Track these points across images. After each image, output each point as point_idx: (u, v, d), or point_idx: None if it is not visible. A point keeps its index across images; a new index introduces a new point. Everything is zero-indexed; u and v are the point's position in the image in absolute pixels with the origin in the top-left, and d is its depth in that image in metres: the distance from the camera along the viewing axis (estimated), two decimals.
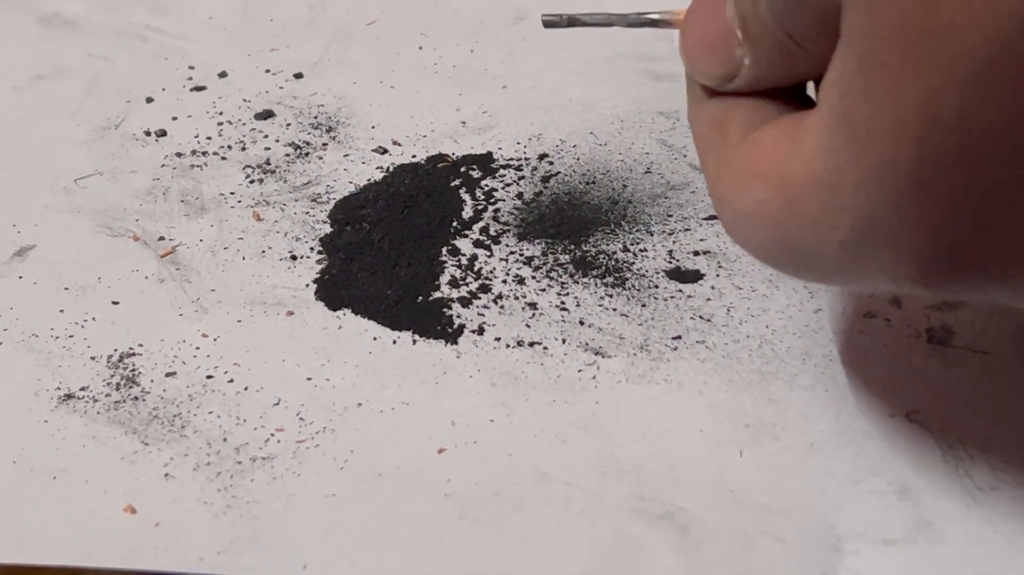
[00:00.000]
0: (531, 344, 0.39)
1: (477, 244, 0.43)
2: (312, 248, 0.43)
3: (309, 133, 0.48)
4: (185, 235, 0.43)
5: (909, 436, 0.36)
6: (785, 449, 0.36)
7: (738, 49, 0.29)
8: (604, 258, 0.42)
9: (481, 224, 0.44)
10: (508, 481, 0.35)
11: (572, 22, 0.36)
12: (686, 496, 0.35)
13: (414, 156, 0.47)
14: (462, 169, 0.46)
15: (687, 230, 0.43)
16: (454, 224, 0.43)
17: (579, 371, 0.38)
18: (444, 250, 0.42)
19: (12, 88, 0.51)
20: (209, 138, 0.48)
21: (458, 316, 0.40)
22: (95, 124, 0.49)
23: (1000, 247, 0.24)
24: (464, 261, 0.42)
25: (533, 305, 0.40)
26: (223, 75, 0.51)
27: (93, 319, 0.40)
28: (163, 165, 0.46)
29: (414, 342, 0.39)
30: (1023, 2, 0.21)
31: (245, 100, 0.50)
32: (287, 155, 0.47)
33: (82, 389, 0.38)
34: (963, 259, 0.24)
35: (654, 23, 0.35)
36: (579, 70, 0.52)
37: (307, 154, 0.47)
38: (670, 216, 0.44)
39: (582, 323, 0.40)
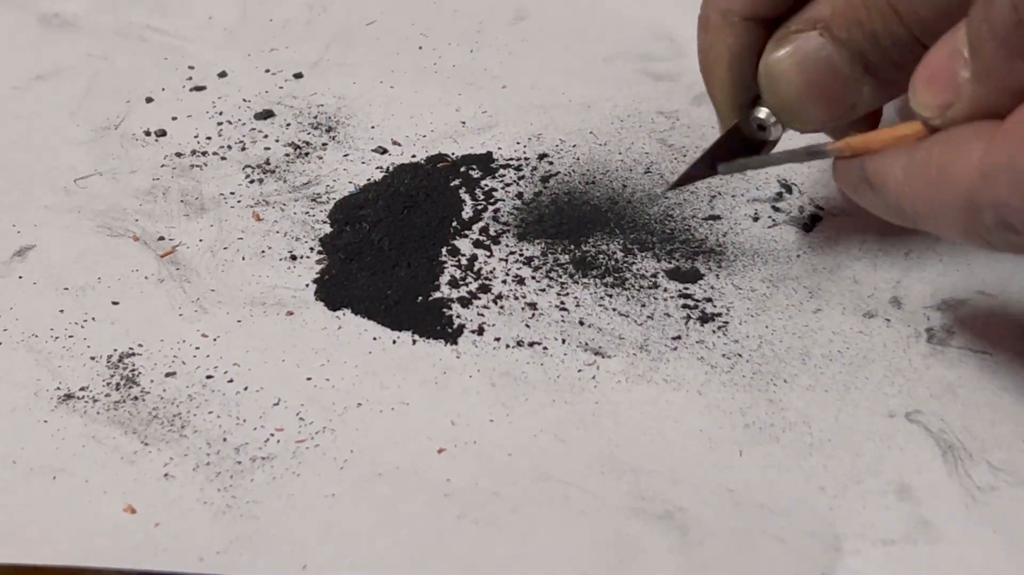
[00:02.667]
0: (531, 344, 0.39)
1: (477, 244, 0.43)
2: (312, 248, 0.43)
3: (309, 133, 0.48)
4: (185, 235, 0.43)
5: (909, 436, 0.36)
6: (785, 449, 0.36)
7: (961, 69, 0.30)
8: (604, 258, 0.42)
9: (481, 224, 0.44)
10: (508, 481, 0.35)
11: (745, 166, 0.39)
12: (686, 496, 0.35)
13: (414, 156, 0.47)
14: (462, 169, 0.46)
15: (687, 230, 0.43)
16: (454, 224, 0.43)
17: (579, 371, 0.38)
18: (444, 250, 0.42)
19: (12, 88, 0.51)
20: (209, 138, 0.48)
21: (458, 316, 0.40)
22: (95, 124, 0.49)
23: None
24: (464, 261, 0.42)
25: (533, 305, 0.40)
26: (223, 75, 0.51)
27: (93, 319, 0.40)
28: (163, 165, 0.46)
29: (414, 342, 0.39)
30: None
31: (245, 100, 0.50)
32: (287, 155, 0.47)
33: (82, 389, 0.38)
34: None
35: (828, 154, 0.36)
36: (579, 70, 0.52)
37: (307, 154, 0.47)
38: (670, 216, 0.44)
39: (582, 323, 0.40)
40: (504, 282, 0.41)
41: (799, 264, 0.42)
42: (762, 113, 0.38)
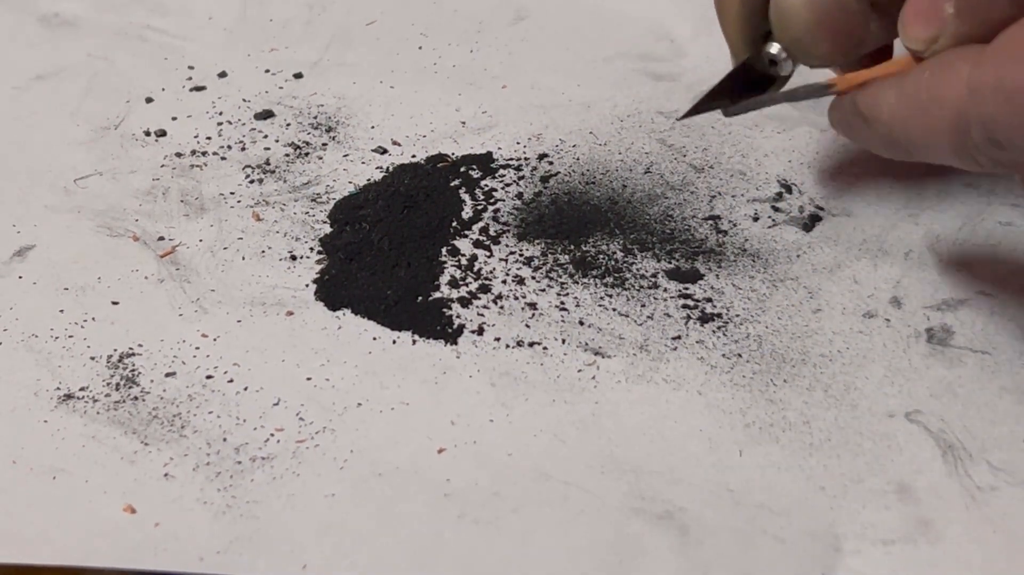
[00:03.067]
0: (531, 344, 0.39)
1: (477, 244, 0.43)
2: (312, 248, 0.43)
3: (309, 133, 0.48)
4: (185, 235, 0.43)
5: (909, 436, 0.36)
6: (785, 449, 0.36)
7: (945, 5, 0.32)
8: (604, 258, 0.42)
9: (481, 224, 0.44)
10: (508, 481, 0.35)
11: (750, 107, 0.39)
12: (686, 496, 0.35)
13: (414, 156, 0.47)
14: (462, 169, 0.46)
15: (687, 230, 0.43)
16: (454, 224, 0.43)
17: (579, 371, 0.38)
18: (444, 250, 0.42)
19: (12, 88, 0.51)
20: (209, 138, 0.48)
21: (458, 316, 0.40)
22: (95, 124, 0.49)
23: None
24: (464, 261, 0.42)
25: (533, 305, 0.40)
26: (223, 75, 0.51)
27: (93, 319, 0.40)
28: (163, 165, 0.46)
29: (414, 342, 0.39)
30: None
31: (245, 100, 0.50)
32: (287, 155, 0.47)
33: (82, 389, 0.38)
34: None
35: (823, 90, 0.37)
36: (579, 70, 0.52)
37: (307, 154, 0.47)
38: (670, 216, 0.44)
39: (582, 323, 0.40)
40: (504, 282, 0.41)
41: (799, 264, 0.42)
42: (774, 48, 0.39)
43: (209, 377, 0.38)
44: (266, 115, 0.49)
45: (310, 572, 0.33)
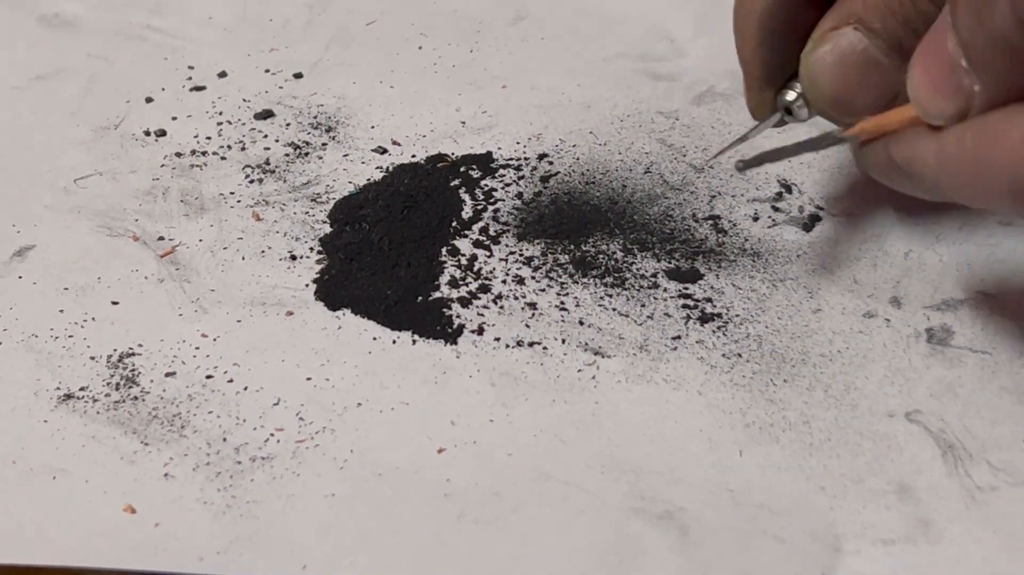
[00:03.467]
0: (531, 344, 0.39)
1: (477, 244, 0.43)
2: (312, 248, 0.43)
3: (309, 133, 0.48)
4: (185, 235, 0.43)
5: (909, 436, 0.36)
6: (785, 449, 0.36)
7: (965, 79, 0.31)
8: (604, 258, 0.42)
9: (481, 224, 0.44)
10: (508, 481, 0.35)
11: (763, 160, 0.38)
12: (686, 496, 0.35)
13: (414, 156, 0.47)
14: (462, 169, 0.46)
15: (687, 230, 0.43)
16: (454, 224, 0.43)
17: (579, 371, 0.38)
18: (444, 250, 0.42)
19: (12, 88, 0.50)
20: (209, 138, 0.48)
21: (458, 316, 0.40)
22: (95, 124, 0.49)
23: None
24: (464, 261, 0.42)
25: (533, 305, 0.40)
26: (223, 75, 0.51)
27: (93, 319, 0.40)
28: (163, 165, 0.46)
29: (414, 342, 0.39)
30: None
31: (245, 100, 0.50)
32: (287, 155, 0.47)
33: (82, 389, 0.38)
34: None
35: (840, 140, 0.36)
36: (579, 70, 0.52)
37: (307, 154, 0.47)
38: (670, 216, 0.44)
39: (582, 323, 0.40)
40: (504, 282, 0.41)
41: (799, 264, 0.42)
42: (790, 95, 0.38)
43: (209, 377, 0.38)
44: (266, 115, 0.49)
45: (310, 572, 0.33)
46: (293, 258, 0.42)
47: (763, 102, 0.39)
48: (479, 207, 0.44)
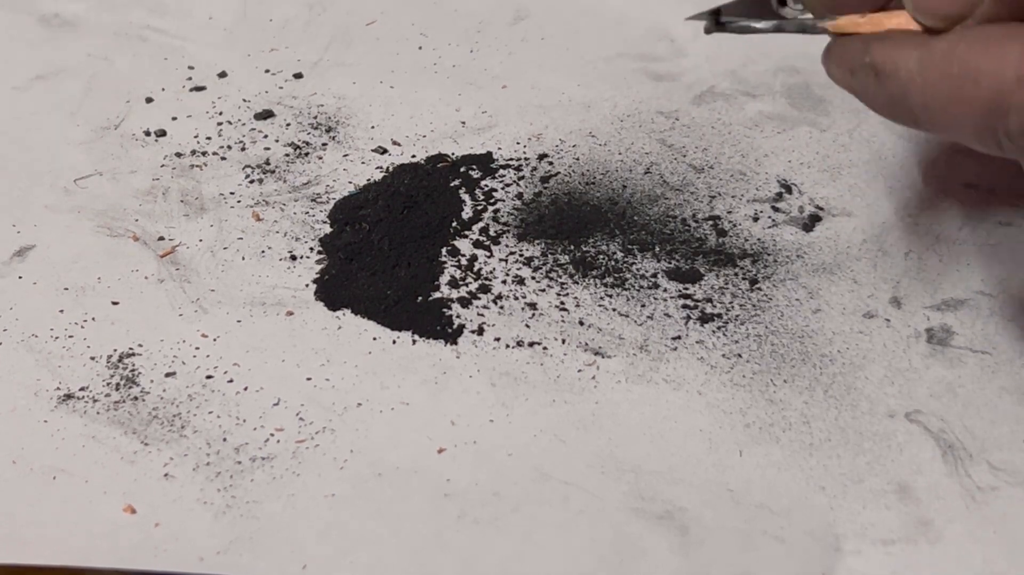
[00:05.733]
0: (531, 344, 0.39)
1: (477, 244, 0.43)
2: (312, 248, 0.43)
3: (309, 133, 0.48)
4: (185, 235, 0.43)
5: (909, 436, 0.36)
6: (785, 449, 0.36)
7: None
8: (604, 258, 0.42)
9: (481, 224, 0.44)
10: (508, 481, 0.35)
11: (744, 30, 0.37)
12: (686, 496, 0.35)
13: (414, 156, 0.47)
14: (462, 169, 0.46)
15: (687, 230, 0.43)
16: (454, 224, 0.43)
17: (579, 371, 0.38)
18: (444, 250, 0.42)
19: (12, 88, 0.50)
20: (209, 138, 0.48)
21: (458, 316, 0.40)
22: (95, 124, 0.49)
23: None
24: (464, 261, 0.42)
25: (533, 305, 0.40)
26: (223, 75, 0.51)
27: (93, 319, 0.40)
28: (163, 165, 0.46)
29: (414, 342, 0.39)
30: None
31: (245, 100, 0.50)
32: (287, 155, 0.47)
33: (82, 389, 0.38)
34: None
35: (815, 27, 0.35)
36: (579, 70, 0.52)
37: (307, 154, 0.47)
38: (670, 216, 0.44)
39: (582, 323, 0.40)
40: (504, 282, 0.41)
41: (799, 264, 0.42)
42: None
43: (209, 377, 0.38)
44: (266, 115, 0.49)
45: (310, 572, 0.33)
46: (293, 258, 0.42)
47: None
48: (479, 207, 0.44)
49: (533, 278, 0.41)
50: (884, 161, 0.46)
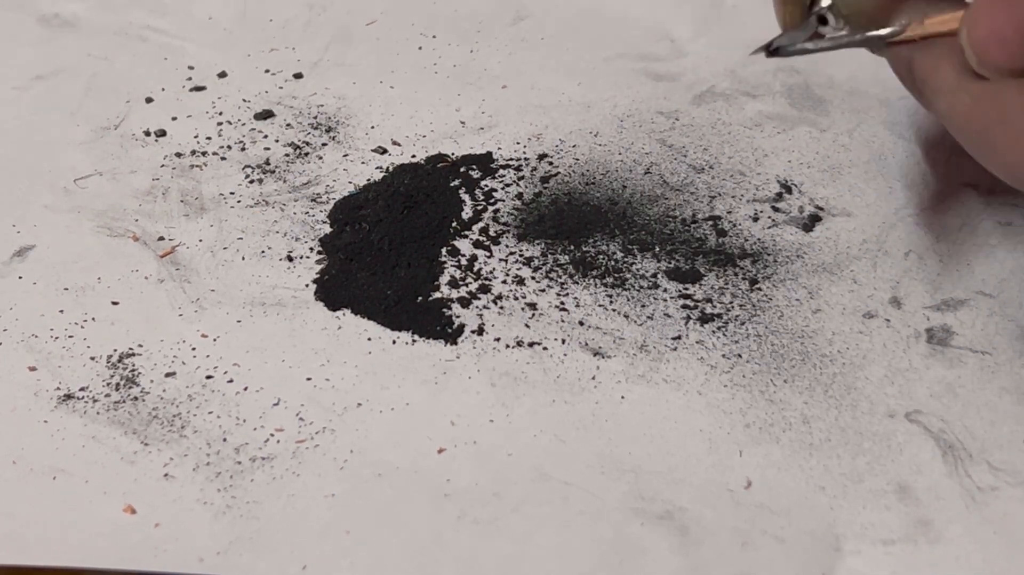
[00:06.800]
0: (531, 344, 0.39)
1: (477, 245, 0.43)
2: (312, 248, 0.43)
3: (309, 133, 0.48)
4: (185, 235, 0.43)
5: (909, 436, 0.36)
6: (785, 449, 0.36)
7: None
8: (604, 258, 0.42)
9: (481, 224, 0.44)
10: (508, 481, 0.35)
11: (800, 52, 0.38)
12: (686, 496, 0.35)
13: (414, 156, 0.47)
14: (462, 169, 0.46)
15: (687, 230, 0.43)
16: (454, 224, 0.43)
17: (579, 371, 0.38)
18: (444, 250, 0.42)
19: (12, 88, 0.50)
20: (209, 138, 0.48)
21: (458, 316, 0.40)
22: (95, 124, 0.49)
23: None
24: (464, 261, 0.42)
25: (533, 305, 0.40)
26: (223, 75, 0.51)
27: (93, 319, 0.40)
28: (163, 165, 0.46)
29: (414, 342, 0.39)
30: None
31: (245, 100, 0.50)
32: (287, 155, 0.47)
33: (82, 389, 0.38)
34: None
35: (890, 39, 0.36)
36: (579, 70, 0.52)
37: (307, 154, 0.47)
38: (670, 216, 0.44)
39: (582, 323, 0.40)
40: (504, 282, 0.41)
41: (799, 264, 0.42)
42: (825, 1, 0.38)
43: (209, 377, 0.38)
44: (266, 115, 0.49)
45: (310, 572, 0.33)
46: (292, 258, 0.42)
47: (794, 11, 0.38)
48: (479, 207, 0.44)
49: (533, 278, 0.41)
50: (884, 161, 0.46)
